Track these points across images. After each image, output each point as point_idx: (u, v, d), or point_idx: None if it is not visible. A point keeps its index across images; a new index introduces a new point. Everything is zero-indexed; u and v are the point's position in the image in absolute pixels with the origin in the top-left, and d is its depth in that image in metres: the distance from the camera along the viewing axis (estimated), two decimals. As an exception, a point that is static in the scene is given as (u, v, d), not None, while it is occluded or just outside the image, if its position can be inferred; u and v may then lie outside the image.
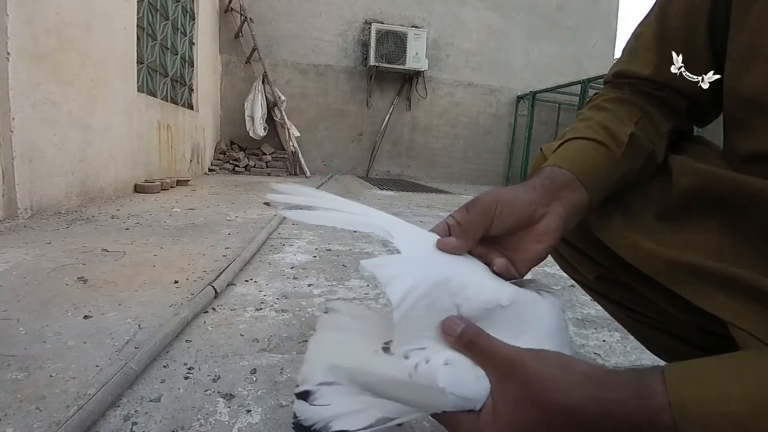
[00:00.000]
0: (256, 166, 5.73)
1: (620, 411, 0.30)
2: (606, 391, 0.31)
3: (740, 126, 0.45)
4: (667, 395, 0.29)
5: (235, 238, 1.93)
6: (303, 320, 1.09)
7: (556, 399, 0.31)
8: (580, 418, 0.31)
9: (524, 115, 6.68)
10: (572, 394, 0.31)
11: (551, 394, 0.32)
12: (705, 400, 0.28)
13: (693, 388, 0.29)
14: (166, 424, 0.66)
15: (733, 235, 0.41)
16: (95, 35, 2.74)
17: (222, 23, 5.85)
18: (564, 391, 0.32)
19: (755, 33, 0.41)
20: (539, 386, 0.32)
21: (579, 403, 0.31)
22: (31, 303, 1.09)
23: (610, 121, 0.50)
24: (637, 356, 0.97)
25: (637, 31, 0.55)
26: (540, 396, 0.32)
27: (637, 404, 0.30)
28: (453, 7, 6.58)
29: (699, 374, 0.30)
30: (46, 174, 2.27)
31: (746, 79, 0.43)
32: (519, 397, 0.33)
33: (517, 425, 0.33)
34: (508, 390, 0.33)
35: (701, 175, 0.44)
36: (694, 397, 0.28)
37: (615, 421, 0.30)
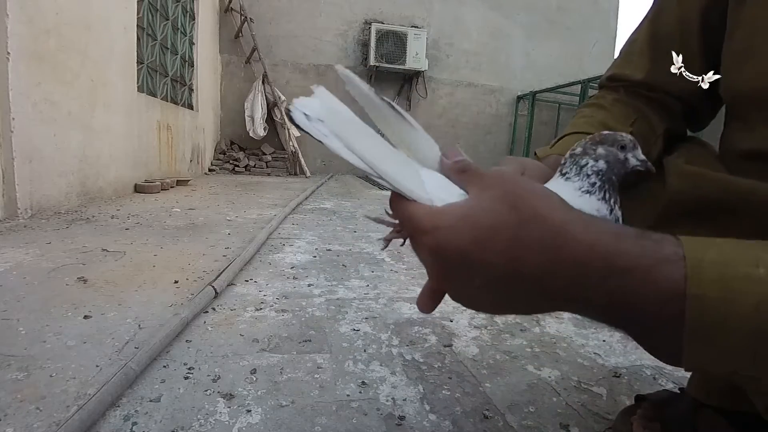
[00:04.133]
0: (256, 166, 5.73)
1: (613, 246, 0.25)
2: (603, 223, 0.27)
3: (737, 123, 0.45)
4: (681, 247, 0.24)
5: (235, 238, 1.93)
6: (303, 320, 1.09)
7: (538, 210, 0.27)
8: (558, 240, 0.26)
9: (524, 115, 6.68)
10: (559, 211, 0.27)
11: (533, 203, 0.27)
12: (727, 260, 0.23)
13: (713, 249, 0.24)
14: (166, 424, 0.66)
15: (726, 234, 0.41)
16: (95, 35, 2.74)
17: (222, 23, 5.85)
18: (551, 206, 0.27)
19: (748, 31, 0.42)
20: (527, 194, 0.28)
21: (564, 221, 0.26)
22: (31, 303, 1.09)
23: (610, 119, 0.51)
24: (638, 356, 0.97)
25: (631, 37, 0.57)
26: (519, 202, 0.27)
27: (639, 244, 0.25)
28: (453, 7, 6.58)
29: (719, 241, 0.25)
30: (46, 174, 2.27)
31: (740, 77, 0.43)
32: (496, 197, 0.28)
33: (476, 219, 0.27)
34: (486, 192, 0.29)
35: (691, 178, 0.44)
36: (714, 256, 0.24)
37: (603, 257, 0.25)
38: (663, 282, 0.24)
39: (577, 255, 0.25)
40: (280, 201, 3.20)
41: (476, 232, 0.27)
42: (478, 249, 0.27)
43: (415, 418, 0.71)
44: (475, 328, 1.09)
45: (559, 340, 1.05)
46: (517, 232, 0.26)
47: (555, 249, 0.26)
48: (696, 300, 0.23)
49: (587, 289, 0.26)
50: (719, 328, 0.23)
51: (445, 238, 0.28)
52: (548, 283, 0.26)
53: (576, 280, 0.26)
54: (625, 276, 0.24)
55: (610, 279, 0.25)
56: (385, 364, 0.89)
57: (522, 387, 0.83)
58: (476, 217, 0.28)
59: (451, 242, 0.28)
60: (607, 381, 0.87)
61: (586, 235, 0.26)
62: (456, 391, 0.80)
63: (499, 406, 0.76)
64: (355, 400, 0.75)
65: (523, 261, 0.26)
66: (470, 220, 0.28)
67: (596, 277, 0.25)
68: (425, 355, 0.94)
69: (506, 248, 0.26)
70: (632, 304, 0.25)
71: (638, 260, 0.24)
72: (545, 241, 0.26)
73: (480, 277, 0.28)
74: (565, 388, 0.83)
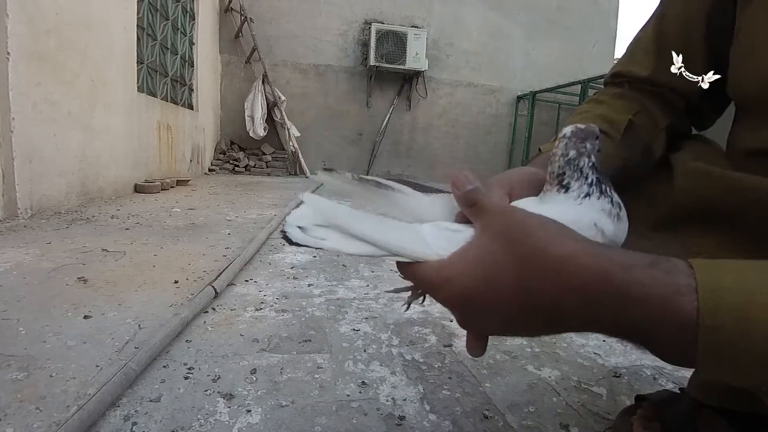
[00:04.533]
0: (256, 166, 5.73)
1: (624, 277, 0.24)
2: (612, 252, 0.26)
3: (743, 122, 0.46)
4: (694, 277, 0.24)
5: (235, 238, 1.93)
6: (303, 320, 1.09)
7: (540, 243, 0.26)
8: (564, 269, 0.25)
9: (524, 115, 6.68)
10: (563, 242, 0.26)
11: (535, 235, 0.27)
12: (745, 287, 0.23)
13: (731, 275, 0.24)
14: (166, 424, 0.66)
15: (731, 233, 0.41)
16: (95, 35, 2.74)
17: (222, 23, 5.85)
18: (554, 237, 0.27)
19: (752, 32, 0.42)
20: (523, 228, 0.28)
21: (570, 251, 0.26)
22: (31, 303, 1.09)
23: (609, 112, 0.51)
24: (638, 356, 0.97)
25: (637, 36, 0.57)
26: (520, 236, 0.27)
27: (650, 275, 0.24)
28: (453, 7, 6.58)
29: (736, 265, 0.24)
30: (46, 174, 2.27)
31: (744, 77, 0.43)
32: (495, 237, 0.28)
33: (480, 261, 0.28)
34: (486, 233, 0.29)
35: (697, 175, 0.44)
36: (730, 282, 0.23)
37: (615, 288, 0.24)
38: (677, 316, 0.24)
39: (587, 284, 0.25)
40: (280, 201, 3.20)
41: (483, 275, 0.28)
42: (488, 290, 0.28)
43: (415, 418, 0.71)
44: (475, 328, 1.09)
45: (559, 340, 1.05)
46: (521, 266, 0.27)
47: (563, 277, 0.26)
48: (710, 331, 0.23)
49: (598, 316, 0.26)
50: (736, 354, 0.23)
51: (456, 289, 0.29)
52: (561, 314, 0.27)
53: (588, 307, 0.26)
54: (638, 307, 0.24)
55: (624, 309, 0.25)
56: (385, 364, 0.89)
57: (522, 387, 0.83)
58: (480, 260, 0.29)
59: (463, 290, 0.29)
60: (607, 381, 0.87)
61: (596, 266, 0.26)
62: (456, 391, 0.80)
63: (499, 406, 0.76)
64: (355, 400, 0.75)
65: (532, 291, 0.27)
66: (476, 266, 0.29)
67: (610, 307, 0.25)
68: (425, 355, 0.94)
69: (515, 284, 0.27)
70: (647, 333, 0.25)
71: (651, 291, 0.24)
72: (551, 271, 0.26)
73: (497, 315, 0.29)
74: (565, 388, 0.83)
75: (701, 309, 0.23)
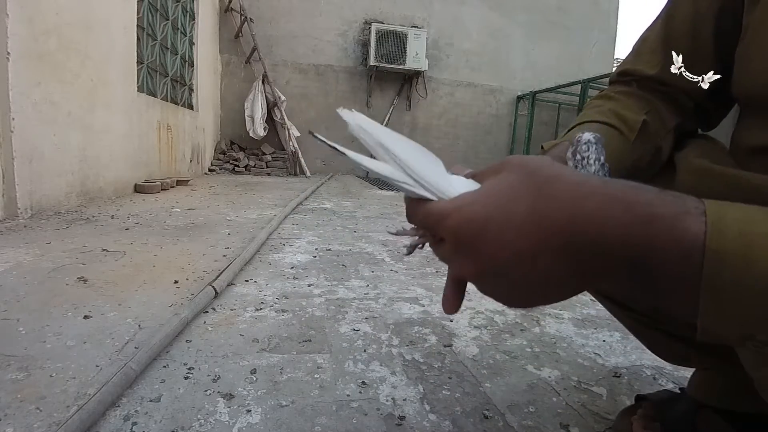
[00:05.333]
0: (256, 166, 5.73)
1: (634, 197, 0.25)
2: (619, 181, 0.27)
3: (748, 121, 0.46)
4: (702, 203, 0.24)
5: (235, 238, 1.93)
6: (303, 320, 1.09)
7: (554, 172, 0.27)
8: (579, 193, 0.26)
9: (524, 115, 6.68)
10: (574, 174, 0.27)
11: (548, 169, 0.27)
12: (750, 218, 0.23)
13: (736, 208, 0.24)
14: (166, 424, 0.66)
15: None
16: (95, 35, 2.74)
17: (222, 23, 5.85)
18: (564, 170, 0.28)
19: (757, 31, 0.42)
20: (537, 164, 0.28)
21: (581, 179, 0.27)
22: (31, 303, 1.09)
23: (621, 108, 0.51)
24: (638, 356, 0.97)
25: (643, 35, 0.57)
26: (534, 170, 0.28)
27: (660, 197, 0.25)
28: (453, 7, 6.58)
29: (742, 204, 0.25)
30: (46, 174, 2.27)
31: (749, 76, 0.43)
32: (509, 171, 0.29)
33: (494, 191, 0.28)
34: (499, 173, 0.29)
35: (700, 173, 0.44)
36: (736, 213, 0.24)
37: (625, 206, 0.25)
38: (685, 234, 0.24)
39: (600, 206, 0.25)
40: (280, 201, 3.20)
41: (498, 200, 0.28)
42: (501, 214, 0.27)
43: (415, 418, 0.71)
44: (475, 328, 1.09)
45: (559, 340, 1.05)
46: (537, 191, 0.27)
47: (577, 201, 0.26)
48: (715, 255, 0.23)
49: (610, 242, 0.25)
50: (737, 285, 0.23)
51: (468, 212, 0.28)
52: (573, 241, 0.26)
53: (600, 233, 0.25)
54: (648, 225, 0.24)
55: (634, 228, 0.25)
56: (385, 364, 0.89)
57: (522, 387, 0.83)
58: (495, 188, 0.28)
59: (475, 213, 0.28)
60: (607, 381, 0.87)
61: (608, 189, 0.26)
62: (456, 391, 0.80)
63: (499, 406, 0.76)
64: (355, 400, 0.75)
65: (547, 218, 0.26)
66: (490, 193, 0.28)
67: (620, 227, 0.25)
68: (425, 355, 0.94)
69: (529, 207, 0.27)
70: (653, 257, 0.25)
71: (662, 209, 0.24)
72: (566, 196, 0.26)
73: (506, 250, 0.27)
74: (565, 388, 0.83)
75: (708, 231, 0.23)
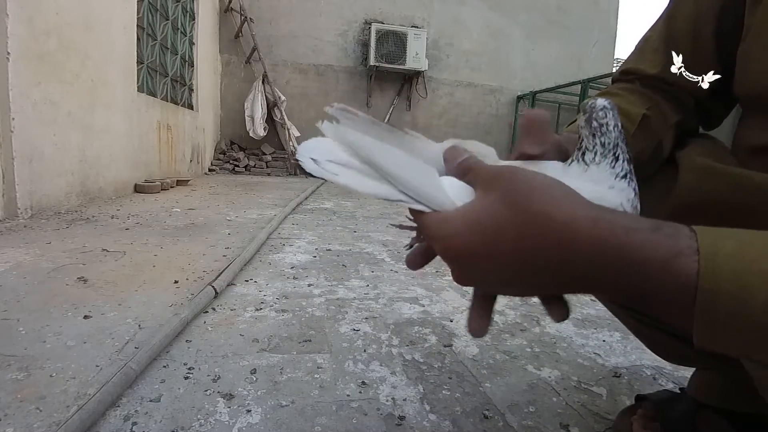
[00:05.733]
0: (256, 166, 5.73)
1: (624, 240, 0.24)
2: (613, 215, 0.26)
3: (749, 121, 0.46)
4: (696, 240, 0.24)
5: (235, 238, 1.93)
6: (303, 320, 1.09)
7: (542, 208, 0.26)
8: (566, 236, 0.25)
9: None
10: (565, 206, 0.26)
11: (538, 199, 0.27)
12: (744, 254, 0.23)
13: (730, 241, 0.24)
14: (166, 424, 0.66)
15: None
16: (95, 35, 2.74)
17: (222, 23, 5.85)
18: (556, 201, 0.27)
19: (759, 32, 0.42)
20: (526, 190, 0.27)
21: (571, 216, 0.26)
22: (31, 303, 1.09)
23: (623, 103, 0.51)
24: (638, 356, 0.97)
25: (645, 35, 0.57)
26: (522, 199, 0.27)
27: (652, 238, 0.24)
28: (453, 7, 6.58)
29: (737, 232, 0.25)
30: (46, 174, 2.27)
31: (751, 76, 0.44)
32: (497, 198, 0.28)
33: (480, 223, 0.28)
34: (488, 193, 0.29)
35: (703, 172, 0.44)
36: (730, 249, 0.23)
37: (617, 253, 0.24)
38: (678, 277, 0.24)
39: (588, 251, 0.25)
40: (280, 201, 3.20)
41: (481, 237, 0.28)
42: (486, 251, 0.28)
43: (415, 418, 0.71)
44: (475, 328, 1.09)
45: (559, 340, 1.05)
46: (522, 230, 0.27)
47: (564, 244, 0.26)
48: (708, 294, 0.23)
49: (600, 280, 0.26)
50: (731, 318, 0.23)
51: (454, 245, 0.29)
52: (561, 276, 0.27)
53: (589, 273, 0.26)
54: (639, 271, 0.25)
55: (625, 273, 0.25)
56: (385, 364, 0.89)
57: (522, 387, 0.83)
58: (480, 220, 0.28)
59: (460, 248, 0.29)
60: (607, 381, 0.87)
61: (598, 230, 0.25)
62: (456, 391, 0.80)
63: (499, 406, 0.76)
64: (355, 400, 0.75)
65: (533, 256, 0.27)
66: (475, 225, 0.28)
67: (611, 271, 0.25)
68: (425, 355, 0.94)
69: (513, 248, 0.27)
70: (647, 296, 0.25)
71: (654, 253, 0.24)
72: (552, 238, 0.26)
73: (494, 275, 0.29)
74: (565, 388, 0.83)
75: (701, 272, 0.23)
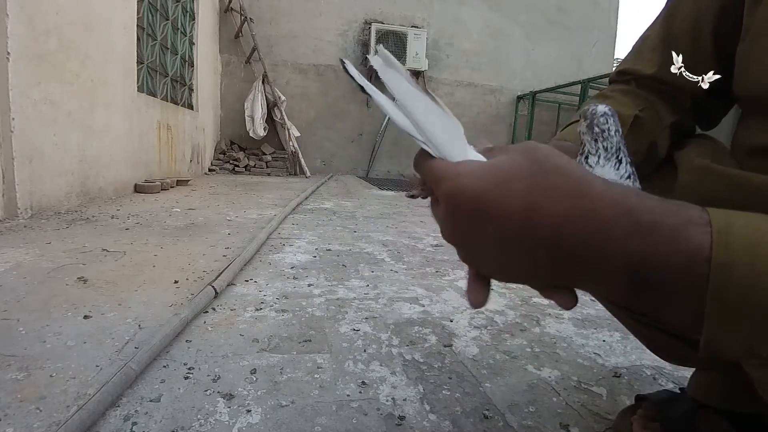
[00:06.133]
0: (256, 166, 5.73)
1: (635, 202, 0.24)
2: (623, 185, 0.26)
3: (749, 121, 0.46)
4: (706, 212, 0.24)
5: (235, 238, 1.93)
6: (303, 320, 1.09)
7: (559, 164, 0.26)
8: (579, 190, 0.25)
9: (524, 115, 6.68)
10: (579, 169, 0.26)
11: (554, 159, 0.27)
12: (756, 227, 0.23)
13: (741, 217, 0.23)
14: (166, 424, 0.66)
15: None
16: (95, 35, 2.74)
17: (222, 23, 5.85)
18: (571, 163, 0.27)
19: (759, 32, 0.42)
20: (545, 151, 0.27)
21: (585, 176, 0.26)
22: (31, 303, 1.09)
23: (615, 106, 0.51)
24: (638, 356, 0.97)
25: (644, 34, 0.57)
26: (540, 157, 0.27)
27: (663, 205, 0.24)
28: (453, 7, 6.58)
29: (746, 213, 0.24)
30: (46, 174, 2.27)
31: (751, 77, 0.44)
32: (516, 153, 0.28)
33: (495, 166, 0.28)
34: (507, 153, 0.29)
35: (702, 173, 0.44)
36: (742, 222, 0.23)
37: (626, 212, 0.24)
38: (688, 244, 0.23)
39: (598, 207, 0.24)
40: (280, 201, 3.20)
41: (495, 177, 0.27)
42: (496, 191, 0.26)
43: (415, 418, 0.71)
44: (475, 328, 1.09)
45: (559, 340, 1.05)
46: (537, 179, 0.26)
47: (575, 198, 0.25)
48: (721, 267, 0.22)
49: (606, 246, 0.24)
50: (744, 296, 0.22)
51: (465, 181, 0.28)
52: (565, 238, 0.25)
53: (595, 235, 0.24)
54: (648, 234, 0.23)
55: (633, 236, 0.24)
56: (385, 364, 0.89)
57: (522, 387, 0.83)
58: (498, 165, 0.28)
59: (470, 184, 0.27)
60: (607, 381, 0.87)
61: (609, 191, 0.25)
62: (456, 391, 0.80)
63: (499, 406, 0.76)
64: (355, 400, 0.75)
65: (540, 209, 0.25)
66: (492, 168, 0.28)
67: (618, 232, 0.24)
68: (425, 355, 0.94)
69: (525, 193, 0.26)
70: (653, 266, 0.24)
71: (664, 218, 0.24)
72: (565, 190, 0.25)
73: (495, 227, 0.27)
74: (565, 388, 0.83)
75: (714, 242, 0.22)
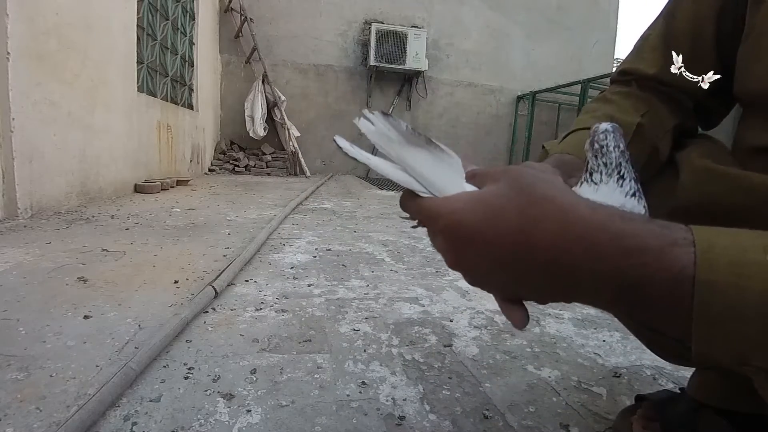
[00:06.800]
0: (256, 166, 5.73)
1: (621, 226, 0.25)
2: (608, 207, 0.27)
3: (750, 121, 0.46)
4: (691, 233, 0.24)
5: (235, 238, 1.93)
6: (303, 320, 1.09)
7: (545, 191, 0.28)
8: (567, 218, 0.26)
9: (524, 115, 6.68)
10: (567, 195, 0.28)
11: (539, 187, 0.28)
12: (739, 245, 0.23)
13: (725, 235, 0.24)
14: (166, 424, 0.66)
15: None
16: (95, 35, 2.74)
17: (222, 23, 5.85)
18: (559, 190, 0.28)
19: (761, 32, 0.42)
20: (531, 179, 0.29)
21: (571, 202, 0.27)
22: (31, 303, 1.09)
23: (617, 112, 0.51)
24: (638, 356, 0.97)
25: (644, 34, 0.57)
26: (526, 186, 0.28)
27: (647, 228, 0.25)
28: (453, 7, 6.58)
29: (730, 230, 0.25)
30: (46, 174, 2.27)
31: (752, 77, 0.44)
32: (503, 184, 0.29)
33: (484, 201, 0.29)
34: (496, 182, 0.30)
35: (704, 173, 0.44)
36: (725, 242, 0.24)
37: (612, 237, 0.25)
38: (673, 265, 0.24)
39: (586, 234, 0.26)
40: (280, 201, 3.20)
41: (486, 213, 0.29)
42: (488, 227, 0.28)
43: (415, 418, 0.71)
44: (475, 328, 1.09)
45: (559, 340, 1.05)
46: (526, 210, 0.27)
47: (564, 226, 0.26)
48: (705, 285, 0.23)
49: (597, 268, 0.26)
50: (730, 312, 0.23)
51: (457, 219, 0.29)
52: (558, 262, 0.26)
53: (586, 259, 0.26)
54: (636, 257, 0.24)
55: (620, 259, 0.25)
56: (385, 364, 0.89)
57: (522, 387, 0.83)
58: (486, 199, 0.29)
59: (462, 222, 0.29)
60: (607, 381, 0.87)
61: (594, 215, 0.26)
62: (456, 391, 0.80)
63: (499, 406, 0.76)
64: (355, 400, 0.75)
65: (532, 237, 0.27)
66: (481, 203, 0.29)
67: (606, 255, 0.25)
68: (425, 355, 0.94)
69: (516, 226, 0.27)
70: (642, 286, 0.25)
71: (648, 240, 0.24)
72: (553, 219, 0.26)
73: (491, 257, 0.29)
74: (565, 388, 0.83)
75: (698, 262, 0.23)
